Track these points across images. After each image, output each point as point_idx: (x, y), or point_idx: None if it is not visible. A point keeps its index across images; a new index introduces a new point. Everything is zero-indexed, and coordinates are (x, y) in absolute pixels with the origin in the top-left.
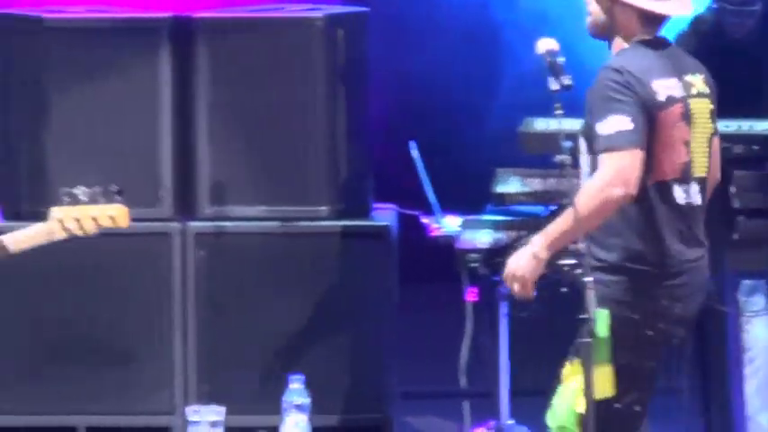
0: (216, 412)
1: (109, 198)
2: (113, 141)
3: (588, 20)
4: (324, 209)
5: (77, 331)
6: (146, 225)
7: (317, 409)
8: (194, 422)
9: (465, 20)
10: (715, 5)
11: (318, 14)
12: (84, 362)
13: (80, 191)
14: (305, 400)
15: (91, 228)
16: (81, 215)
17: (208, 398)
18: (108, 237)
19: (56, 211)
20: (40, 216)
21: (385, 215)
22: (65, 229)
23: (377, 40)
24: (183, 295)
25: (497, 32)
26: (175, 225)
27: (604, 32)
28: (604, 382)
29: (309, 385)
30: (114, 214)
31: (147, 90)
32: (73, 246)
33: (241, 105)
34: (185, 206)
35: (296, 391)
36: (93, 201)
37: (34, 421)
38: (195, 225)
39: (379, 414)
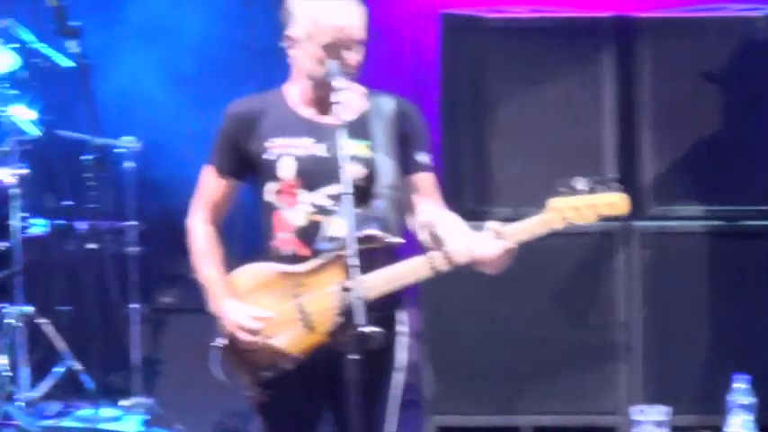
0: (661, 412)
1: (607, 186)
2: (556, 140)
3: None
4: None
5: (523, 331)
6: (590, 224)
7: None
8: (639, 422)
9: None
10: None
11: (761, 14)
12: (530, 362)
13: (579, 181)
14: (751, 399)
15: (590, 216)
16: (580, 204)
17: (652, 398)
18: (553, 237)
19: (553, 202)
20: (482, 215)
21: None
22: (563, 218)
23: None
24: (627, 295)
25: None
26: (620, 224)
27: None
28: None
29: (754, 386)
30: (614, 201)
31: (590, 89)
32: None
33: (684, 104)
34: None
35: (741, 390)
36: (591, 190)
37: (479, 421)
38: (640, 224)
39: None
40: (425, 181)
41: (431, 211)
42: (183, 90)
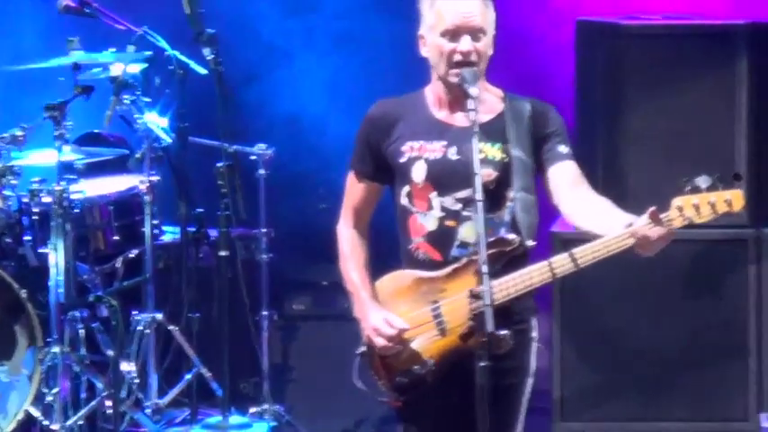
0: None
1: (728, 183)
2: (688, 145)
3: None
4: None
5: (652, 337)
6: (721, 232)
7: None
8: None
9: None
10: None
11: None
12: (658, 368)
13: (700, 179)
14: None
15: (707, 213)
16: (700, 202)
17: None
18: (684, 243)
19: (676, 201)
20: None
21: None
22: (684, 217)
23: None
24: (757, 302)
25: None
26: (751, 232)
27: None
28: None
29: None
30: (730, 198)
31: (723, 96)
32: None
33: None
34: (761, 213)
35: None
36: (712, 187)
37: (606, 428)
38: None
39: None
40: (571, 169)
41: (580, 201)
42: (323, 96)
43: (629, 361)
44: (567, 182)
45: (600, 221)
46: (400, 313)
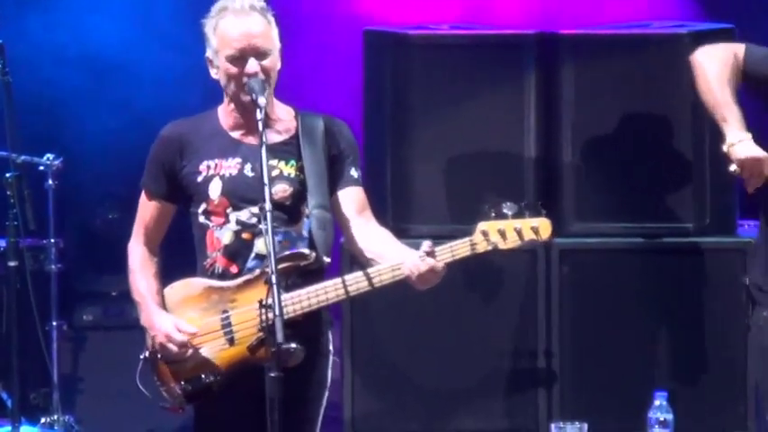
0: (579, 428)
1: (534, 212)
2: (478, 157)
3: None
4: (688, 225)
5: (445, 345)
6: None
7: (681, 426)
8: None
9: None
10: None
11: (684, 31)
12: (452, 380)
13: (506, 205)
14: (668, 416)
15: (513, 240)
16: (506, 228)
17: (571, 414)
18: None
19: (481, 225)
20: (404, 233)
21: (752, 231)
22: (489, 242)
23: None
24: (547, 311)
25: None
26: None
27: None
28: None
29: (673, 402)
30: (537, 226)
31: (512, 106)
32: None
33: (605, 122)
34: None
35: (660, 407)
36: (518, 215)
37: None
38: (560, 241)
39: None
40: (356, 195)
41: (363, 229)
42: (108, 106)
43: (423, 372)
44: (353, 208)
45: (380, 253)
46: (189, 320)
